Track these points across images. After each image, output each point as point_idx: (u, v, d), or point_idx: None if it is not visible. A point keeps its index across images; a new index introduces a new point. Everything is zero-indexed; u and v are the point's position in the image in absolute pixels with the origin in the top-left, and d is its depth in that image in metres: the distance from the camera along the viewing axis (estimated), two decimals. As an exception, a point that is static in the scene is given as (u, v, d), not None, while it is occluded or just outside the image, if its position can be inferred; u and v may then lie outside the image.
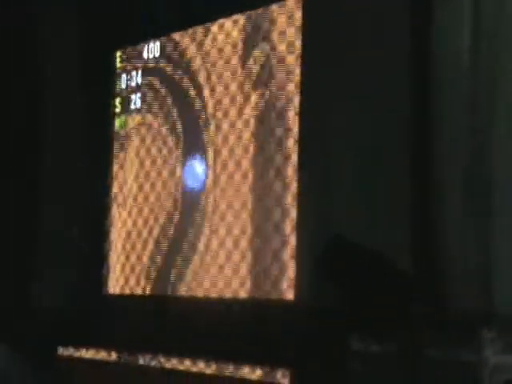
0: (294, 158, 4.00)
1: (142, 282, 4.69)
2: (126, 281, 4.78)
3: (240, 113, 4.27)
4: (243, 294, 4.15)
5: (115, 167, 4.95)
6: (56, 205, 5.05)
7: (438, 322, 2.98)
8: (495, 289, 3.14)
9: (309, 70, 3.97)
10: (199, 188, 4.44)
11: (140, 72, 4.85)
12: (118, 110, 4.95)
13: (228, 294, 4.21)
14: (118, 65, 4.97)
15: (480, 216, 3.29)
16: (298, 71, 4.01)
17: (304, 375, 3.75)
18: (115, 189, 4.92)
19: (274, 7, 4.12)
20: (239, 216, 4.21)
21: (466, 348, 3.00)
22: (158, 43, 4.75)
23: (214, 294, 4.28)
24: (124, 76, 4.92)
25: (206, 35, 4.47)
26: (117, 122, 4.96)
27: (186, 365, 4.19)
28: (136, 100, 4.85)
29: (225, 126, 4.35)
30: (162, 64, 4.72)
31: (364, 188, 3.76)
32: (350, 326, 3.59)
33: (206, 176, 4.38)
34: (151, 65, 4.80)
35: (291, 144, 4.02)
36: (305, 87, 3.97)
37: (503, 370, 2.48)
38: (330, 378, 3.58)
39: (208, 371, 4.09)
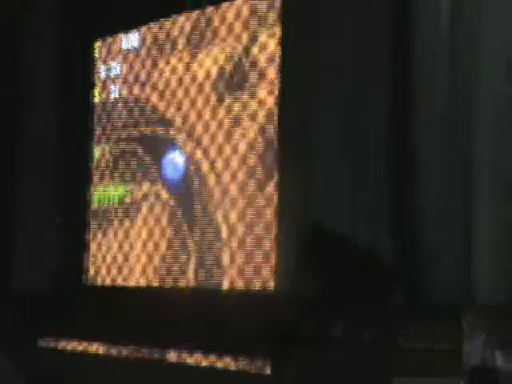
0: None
1: (122, 273, 4.69)
2: (108, 271, 4.78)
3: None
4: (225, 284, 4.15)
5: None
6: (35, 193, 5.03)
7: (415, 311, 3.00)
8: (471, 278, 3.17)
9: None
10: (179, 179, 4.44)
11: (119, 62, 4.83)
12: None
13: (210, 285, 4.21)
14: (97, 55, 4.95)
15: (458, 206, 3.32)
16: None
17: (285, 363, 3.77)
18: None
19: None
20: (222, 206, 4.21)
21: (442, 336, 3.04)
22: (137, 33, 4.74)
23: (194, 285, 4.27)
24: (103, 66, 4.90)
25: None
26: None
27: (169, 355, 4.19)
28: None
29: (206, 113, 4.33)
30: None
31: (343, 179, 3.78)
32: (329, 315, 3.62)
33: (187, 166, 4.38)
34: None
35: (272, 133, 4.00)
36: (284, 71, 3.97)
37: (475, 357, 2.51)
38: (311, 365, 3.61)
39: (190, 361, 4.10)
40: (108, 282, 4.72)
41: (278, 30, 4.01)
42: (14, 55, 5.11)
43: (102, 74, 4.89)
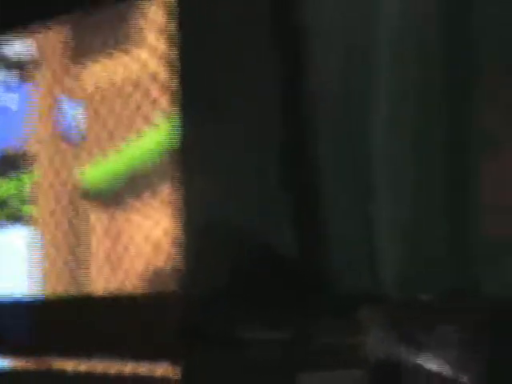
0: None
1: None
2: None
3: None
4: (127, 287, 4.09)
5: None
6: None
7: (325, 307, 3.09)
8: (374, 273, 3.29)
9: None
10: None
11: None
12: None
13: (113, 290, 4.13)
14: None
15: (362, 198, 3.42)
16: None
17: (192, 367, 3.75)
18: None
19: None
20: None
21: (347, 330, 3.14)
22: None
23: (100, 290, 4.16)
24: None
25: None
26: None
27: (75, 364, 4.08)
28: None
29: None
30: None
31: (241, 172, 3.80)
32: (237, 314, 3.64)
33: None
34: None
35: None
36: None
37: (378, 351, 2.61)
38: (220, 367, 3.61)
39: (97, 369, 4.01)
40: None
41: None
42: None
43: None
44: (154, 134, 4.06)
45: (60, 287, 4.37)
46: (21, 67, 4.56)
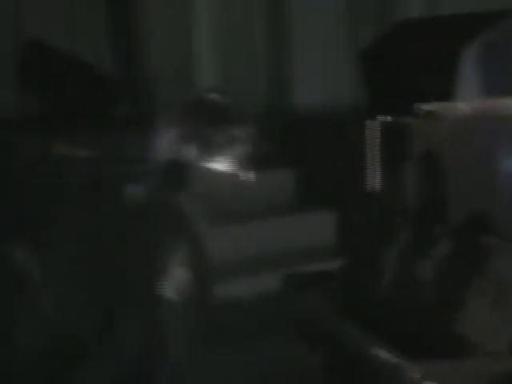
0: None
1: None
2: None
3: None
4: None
5: None
6: None
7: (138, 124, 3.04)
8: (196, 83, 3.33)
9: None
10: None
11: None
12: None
13: None
14: None
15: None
16: None
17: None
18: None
19: None
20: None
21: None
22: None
23: None
24: None
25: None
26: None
27: None
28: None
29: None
30: None
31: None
32: (55, 133, 3.64)
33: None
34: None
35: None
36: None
37: (167, 151, 2.49)
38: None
39: None
40: None
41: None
42: None
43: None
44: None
45: None
46: None
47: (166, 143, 2.36)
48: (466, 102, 2.99)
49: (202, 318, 2.23)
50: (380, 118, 3.29)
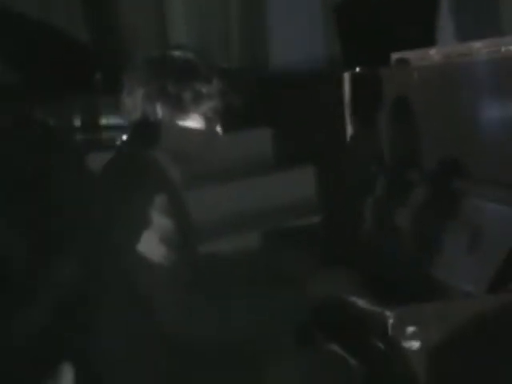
0: None
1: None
2: None
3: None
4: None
5: None
6: None
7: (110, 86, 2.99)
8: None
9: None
10: None
11: None
12: None
13: None
14: None
15: None
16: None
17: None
18: None
19: None
20: None
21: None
22: None
23: None
24: None
25: None
26: None
27: None
28: None
29: None
30: None
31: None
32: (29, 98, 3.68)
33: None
34: None
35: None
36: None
37: (136, 111, 2.39)
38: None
39: None
40: None
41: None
42: None
43: None
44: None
45: None
46: None
47: (135, 103, 2.33)
48: (439, 49, 2.98)
49: (186, 270, 2.22)
50: (355, 68, 3.30)
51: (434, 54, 2.99)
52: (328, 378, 2.34)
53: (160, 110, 2.33)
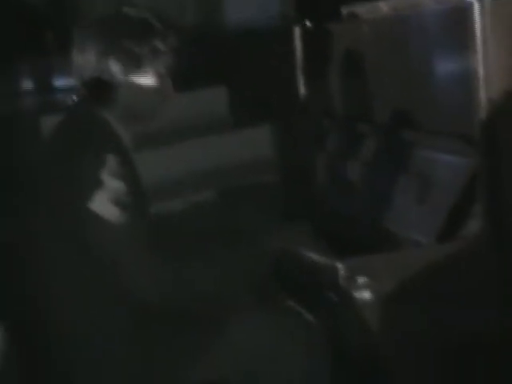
0: None
1: None
2: None
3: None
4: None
5: None
6: None
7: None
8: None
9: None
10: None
11: None
12: None
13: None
14: None
15: None
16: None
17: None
18: None
19: None
20: None
21: None
22: None
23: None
24: None
25: None
26: None
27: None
28: None
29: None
30: None
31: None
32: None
33: None
34: None
35: None
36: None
37: (89, 69, 2.37)
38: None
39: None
40: None
41: None
42: None
43: None
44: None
45: None
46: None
47: (88, 61, 2.30)
48: (388, 1, 2.97)
49: (139, 231, 2.22)
50: (305, 24, 3.29)
51: (383, 6, 2.98)
52: (286, 335, 2.36)
53: (113, 67, 2.30)
